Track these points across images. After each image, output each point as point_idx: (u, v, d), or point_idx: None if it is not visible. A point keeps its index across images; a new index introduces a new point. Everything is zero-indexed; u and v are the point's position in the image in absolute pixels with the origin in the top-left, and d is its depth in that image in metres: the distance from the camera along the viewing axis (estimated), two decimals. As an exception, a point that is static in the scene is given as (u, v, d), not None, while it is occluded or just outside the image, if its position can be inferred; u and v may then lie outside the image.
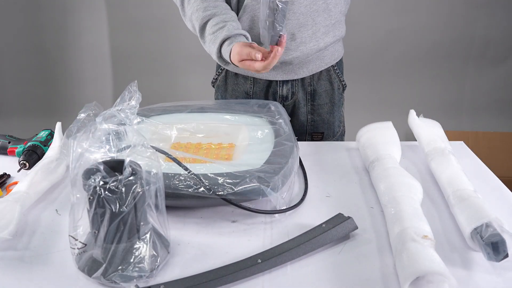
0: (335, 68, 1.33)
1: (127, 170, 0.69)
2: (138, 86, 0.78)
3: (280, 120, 1.06)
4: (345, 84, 1.37)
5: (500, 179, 1.03)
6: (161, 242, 0.75)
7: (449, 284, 0.66)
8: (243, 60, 1.05)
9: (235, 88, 1.33)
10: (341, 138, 1.42)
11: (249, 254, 0.76)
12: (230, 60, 1.10)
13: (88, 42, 2.81)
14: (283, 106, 1.30)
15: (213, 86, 1.39)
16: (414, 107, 1.15)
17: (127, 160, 0.70)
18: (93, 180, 0.67)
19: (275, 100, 1.32)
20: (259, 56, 1.01)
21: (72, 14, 2.74)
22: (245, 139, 1.03)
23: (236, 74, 1.32)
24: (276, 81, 1.30)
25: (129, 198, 0.68)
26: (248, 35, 1.14)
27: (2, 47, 2.80)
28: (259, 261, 0.74)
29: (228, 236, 0.83)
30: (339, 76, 1.35)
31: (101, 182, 0.67)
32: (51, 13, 2.73)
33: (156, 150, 0.77)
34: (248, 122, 1.08)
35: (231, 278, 0.71)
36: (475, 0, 2.59)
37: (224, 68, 1.34)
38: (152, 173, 0.72)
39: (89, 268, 0.71)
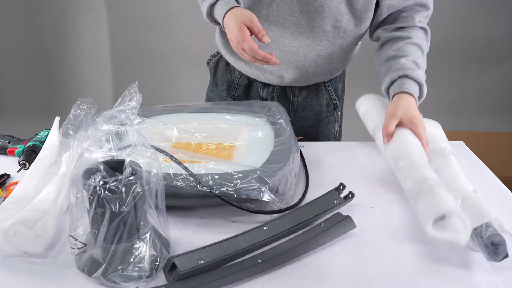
0: (327, 84, 1.27)
1: (127, 170, 0.69)
2: (138, 87, 0.78)
3: (281, 120, 1.06)
4: (336, 103, 1.30)
5: (500, 179, 1.03)
6: (161, 242, 0.75)
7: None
8: (244, 26, 0.97)
9: (223, 74, 1.32)
10: None
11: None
12: (223, 18, 1.03)
13: (88, 42, 2.81)
14: None
15: (207, 65, 1.39)
16: (414, 107, 1.15)
17: (127, 160, 0.70)
18: (93, 180, 0.67)
19: (255, 99, 1.29)
20: (266, 39, 0.96)
21: (72, 14, 2.74)
22: (245, 139, 1.03)
23: (227, 62, 1.31)
24: (259, 81, 1.27)
25: (129, 198, 0.68)
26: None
27: (2, 47, 2.80)
28: (259, 261, 0.74)
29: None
30: (330, 93, 1.28)
31: (101, 182, 0.67)
32: (51, 13, 2.73)
33: (156, 150, 0.77)
34: (248, 122, 1.08)
35: (231, 278, 0.71)
36: (476, 0, 2.58)
37: (219, 53, 1.33)
38: (152, 173, 0.72)
39: (89, 268, 0.71)
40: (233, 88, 1.31)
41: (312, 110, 1.28)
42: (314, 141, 1.30)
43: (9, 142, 1.11)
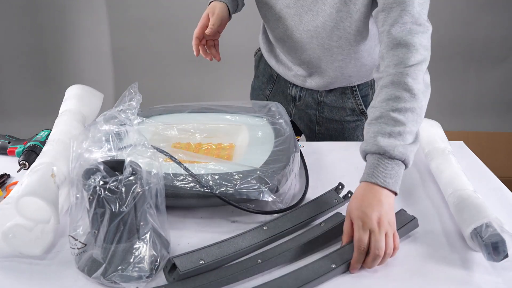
0: (354, 89, 1.24)
1: (127, 170, 0.69)
2: (138, 87, 0.78)
3: (281, 120, 1.06)
4: (363, 109, 1.25)
5: (500, 179, 1.03)
6: (161, 242, 0.75)
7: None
8: (207, 16, 1.12)
9: (264, 68, 1.37)
10: None
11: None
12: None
13: (88, 43, 2.81)
14: (295, 106, 1.32)
15: (254, 56, 1.45)
16: (414, 107, 1.14)
17: (127, 160, 0.70)
18: (93, 180, 0.67)
19: (286, 95, 1.33)
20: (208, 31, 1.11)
21: (72, 14, 2.74)
22: (245, 139, 1.03)
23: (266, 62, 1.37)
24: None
25: (129, 198, 0.68)
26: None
27: (2, 47, 2.80)
28: (259, 261, 0.74)
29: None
30: (356, 97, 1.24)
31: (101, 182, 0.67)
32: (51, 13, 2.73)
33: (156, 150, 0.77)
34: (248, 122, 1.08)
35: (231, 278, 0.71)
36: (476, 0, 2.58)
37: (259, 49, 1.39)
38: (152, 173, 0.72)
39: (89, 268, 0.71)
40: (272, 82, 1.36)
41: (337, 113, 1.26)
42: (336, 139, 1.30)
43: (9, 142, 1.11)
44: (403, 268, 0.75)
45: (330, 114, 1.27)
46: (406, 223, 0.81)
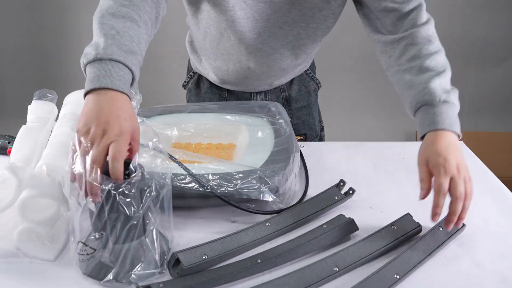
0: (308, 72, 1.30)
1: (137, 173, 0.68)
2: (138, 87, 0.78)
3: (281, 121, 1.06)
4: (319, 82, 1.33)
5: (500, 179, 1.03)
6: (164, 242, 0.75)
7: None
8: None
9: (207, 93, 1.29)
10: (320, 133, 1.38)
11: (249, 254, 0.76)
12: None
13: (88, 43, 2.80)
14: None
15: (184, 88, 1.37)
16: (414, 107, 1.14)
17: (135, 161, 0.69)
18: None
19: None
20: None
21: (72, 14, 2.75)
22: (245, 139, 1.03)
23: (211, 82, 1.27)
24: (249, 92, 1.25)
25: (141, 200, 0.67)
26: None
27: (2, 47, 2.80)
28: (259, 261, 0.74)
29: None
30: (312, 77, 1.31)
31: (112, 185, 0.66)
32: (51, 13, 2.73)
33: (155, 150, 0.77)
34: (248, 122, 1.08)
35: (231, 277, 0.71)
36: (476, 0, 2.58)
37: (196, 72, 1.31)
38: (161, 174, 0.71)
39: (98, 272, 0.70)
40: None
41: (303, 99, 1.31)
42: (312, 126, 1.32)
43: (9, 142, 1.11)
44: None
45: (297, 103, 1.30)
46: (409, 231, 0.81)
